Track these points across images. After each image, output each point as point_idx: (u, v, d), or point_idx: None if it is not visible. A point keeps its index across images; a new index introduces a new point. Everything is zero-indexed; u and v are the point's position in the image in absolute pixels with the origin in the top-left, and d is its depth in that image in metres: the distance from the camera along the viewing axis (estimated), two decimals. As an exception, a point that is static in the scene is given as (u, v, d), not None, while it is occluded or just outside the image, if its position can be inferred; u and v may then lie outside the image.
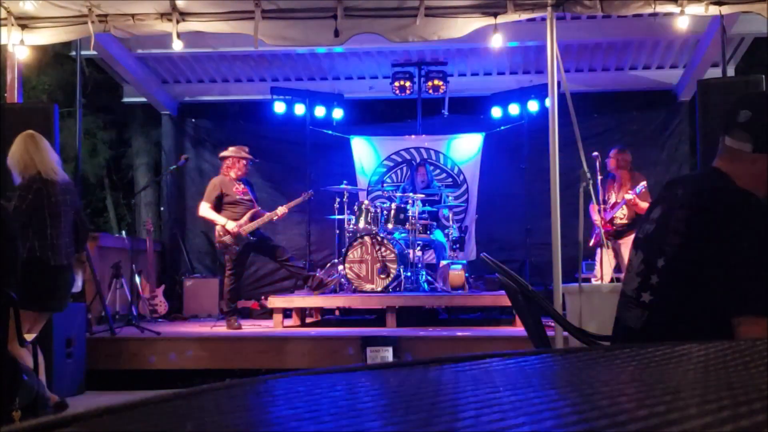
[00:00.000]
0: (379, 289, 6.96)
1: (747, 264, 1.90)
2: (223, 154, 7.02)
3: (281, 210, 6.97)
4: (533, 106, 8.63)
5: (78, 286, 5.33)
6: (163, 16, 6.12)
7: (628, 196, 6.78)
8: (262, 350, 6.06)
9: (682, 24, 5.90)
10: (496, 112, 8.89)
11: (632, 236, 7.45)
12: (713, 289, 1.92)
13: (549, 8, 5.83)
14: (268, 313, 7.44)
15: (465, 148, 9.30)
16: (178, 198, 9.75)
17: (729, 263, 1.90)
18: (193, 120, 9.88)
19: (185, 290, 8.59)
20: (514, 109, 8.79)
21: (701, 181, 2.11)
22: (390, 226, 7.29)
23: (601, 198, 7.01)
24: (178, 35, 6.12)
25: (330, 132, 9.26)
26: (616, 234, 7.04)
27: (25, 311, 4.35)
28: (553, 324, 5.13)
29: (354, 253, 7.08)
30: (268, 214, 6.89)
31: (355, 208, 7.48)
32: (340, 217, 7.85)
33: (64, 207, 4.40)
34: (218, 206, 6.79)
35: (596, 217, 6.96)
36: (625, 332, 2.14)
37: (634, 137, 9.07)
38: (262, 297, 8.35)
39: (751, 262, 1.90)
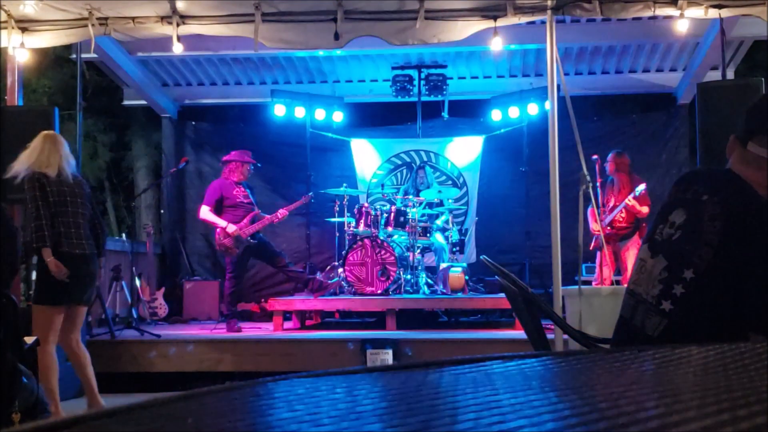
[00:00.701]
0: (379, 291, 6.96)
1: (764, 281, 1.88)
2: (226, 158, 7.03)
3: (281, 213, 6.97)
4: (533, 109, 8.63)
5: None
6: (163, 19, 6.12)
7: (630, 202, 6.78)
8: (262, 353, 6.06)
9: (681, 27, 5.90)
10: (495, 115, 8.89)
11: (633, 240, 7.38)
12: (741, 306, 1.90)
13: (549, 11, 5.84)
14: (268, 316, 7.44)
15: (465, 151, 9.30)
16: (178, 201, 9.75)
17: (761, 281, 1.89)
18: (194, 123, 9.88)
19: (185, 293, 8.58)
20: (513, 112, 8.79)
21: (727, 188, 2.06)
22: (390, 228, 7.29)
23: (600, 201, 7.02)
24: (179, 38, 6.12)
25: (330, 135, 9.27)
26: (616, 237, 7.04)
27: (53, 308, 4.46)
28: (553, 327, 5.13)
29: (354, 256, 7.08)
30: (268, 217, 6.90)
31: (355, 210, 7.49)
32: (340, 219, 7.85)
33: (70, 198, 4.56)
34: (219, 209, 6.80)
35: (593, 226, 6.96)
36: (636, 336, 2.11)
37: (633, 140, 9.08)
38: (263, 300, 8.35)
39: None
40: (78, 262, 4.54)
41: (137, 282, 7.89)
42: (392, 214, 7.31)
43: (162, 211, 10.54)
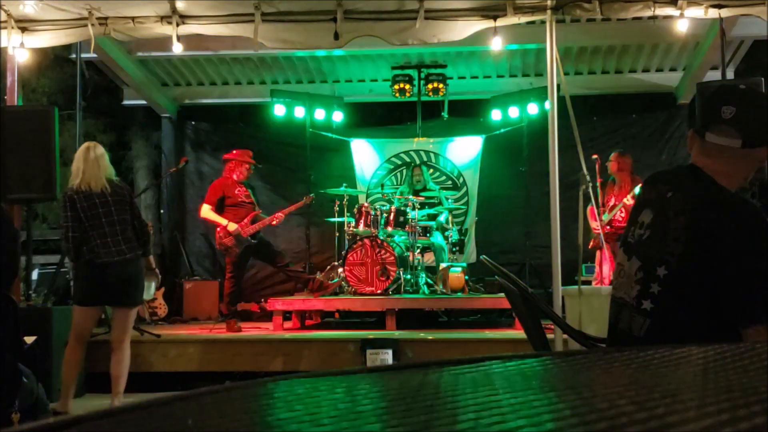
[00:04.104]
0: (379, 291, 6.95)
1: (752, 273, 1.90)
2: (227, 156, 7.04)
3: (278, 216, 6.97)
4: (533, 108, 8.63)
5: (150, 293, 5.66)
6: (163, 19, 6.12)
7: (628, 201, 6.78)
8: (261, 353, 6.06)
9: (681, 27, 5.91)
10: (495, 114, 8.89)
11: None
12: (718, 298, 1.91)
13: (548, 11, 5.84)
14: (267, 316, 7.43)
15: (465, 151, 9.30)
16: (177, 200, 9.75)
17: (734, 273, 1.90)
18: (193, 123, 9.88)
19: (185, 293, 8.58)
20: (513, 111, 8.79)
21: (690, 184, 2.09)
22: (390, 228, 7.28)
23: (600, 201, 7.02)
24: (178, 38, 6.12)
25: (330, 135, 9.27)
26: (615, 236, 7.04)
27: (86, 308, 4.76)
28: (552, 327, 5.13)
29: (354, 256, 7.08)
30: (267, 218, 6.90)
31: (355, 210, 7.48)
32: (340, 219, 7.85)
33: (103, 210, 4.73)
34: (220, 208, 6.81)
35: (594, 225, 6.96)
36: (624, 339, 2.13)
37: (633, 140, 9.08)
38: (262, 299, 8.35)
39: (755, 271, 1.89)
40: (114, 268, 4.72)
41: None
42: (392, 214, 7.31)
43: (162, 211, 10.54)
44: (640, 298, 2.06)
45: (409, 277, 7.23)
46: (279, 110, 8.92)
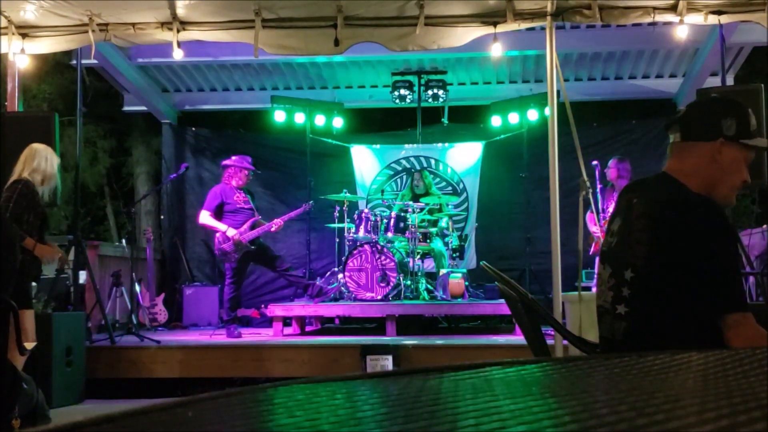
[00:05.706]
0: (379, 297, 6.95)
1: (718, 266, 1.96)
2: (226, 162, 7.04)
3: (277, 223, 6.97)
4: (533, 114, 8.64)
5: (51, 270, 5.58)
6: (163, 25, 6.13)
7: None
8: (261, 359, 6.05)
9: (681, 33, 5.91)
10: (495, 120, 8.89)
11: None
12: (687, 294, 1.96)
13: (548, 18, 5.85)
14: (267, 322, 7.43)
15: (465, 157, 9.31)
16: (178, 206, 9.75)
17: (698, 268, 1.96)
18: (193, 129, 9.89)
19: (185, 299, 8.57)
20: (513, 117, 8.80)
21: (654, 188, 2.16)
22: (390, 234, 7.29)
23: (600, 207, 7.02)
24: (179, 44, 6.13)
25: (330, 141, 9.28)
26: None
27: None
28: (552, 332, 5.12)
29: (354, 262, 7.07)
30: (267, 224, 6.90)
31: (355, 216, 7.48)
32: (340, 225, 7.85)
33: None
34: (219, 214, 6.81)
35: (594, 229, 6.97)
36: (608, 345, 2.17)
37: (633, 146, 9.08)
38: (262, 305, 8.34)
39: (719, 264, 1.96)
40: None
41: (137, 288, 7.88)
42: (392, 220, 7.31)
43: (162, 217, 10.54)
44: (614, 303, 2.12)
45: (409, 282, 7.22)
46: (279, 116, 8.93)
